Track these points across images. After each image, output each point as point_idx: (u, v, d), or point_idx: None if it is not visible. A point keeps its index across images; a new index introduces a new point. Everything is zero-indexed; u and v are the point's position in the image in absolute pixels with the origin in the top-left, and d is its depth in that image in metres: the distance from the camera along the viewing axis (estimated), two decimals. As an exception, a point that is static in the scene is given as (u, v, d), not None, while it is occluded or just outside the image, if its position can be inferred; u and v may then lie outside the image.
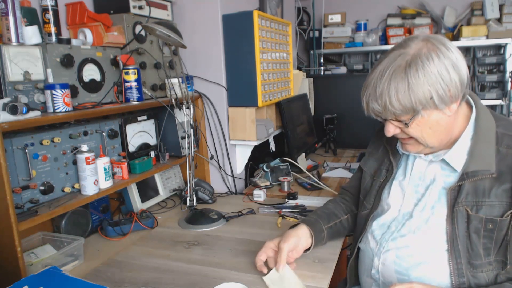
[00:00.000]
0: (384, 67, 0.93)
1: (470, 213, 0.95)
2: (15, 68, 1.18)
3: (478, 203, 0.95)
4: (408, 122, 0.95)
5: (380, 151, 1.23)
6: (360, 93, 1.01)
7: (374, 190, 1.19)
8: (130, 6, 1.63)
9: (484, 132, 0.98)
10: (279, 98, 2.17)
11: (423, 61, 0.90)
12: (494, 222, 0.93)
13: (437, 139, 0.99)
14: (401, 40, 0.99)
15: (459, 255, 0.96)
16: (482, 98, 3.34)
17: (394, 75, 0.91)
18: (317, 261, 1.25)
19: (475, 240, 0.95)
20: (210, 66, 1.94)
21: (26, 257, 1.21)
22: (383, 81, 0.92)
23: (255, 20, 1.83)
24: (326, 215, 1.29)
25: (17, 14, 1.19)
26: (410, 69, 0.90)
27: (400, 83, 0.90)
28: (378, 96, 0.93)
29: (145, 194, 1.77)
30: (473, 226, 0.95)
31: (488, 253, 0.95)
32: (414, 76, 0.89)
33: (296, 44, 3.50)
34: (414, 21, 3.57)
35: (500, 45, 3.39)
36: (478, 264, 0.95)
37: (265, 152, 2.34)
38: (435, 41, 0.93)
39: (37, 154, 1.22)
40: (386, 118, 0.98)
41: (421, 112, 0.92)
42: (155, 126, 1.76)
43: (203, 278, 1.18)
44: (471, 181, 0.97)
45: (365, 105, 0.99)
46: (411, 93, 0.90)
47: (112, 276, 1.21)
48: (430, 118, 0.94)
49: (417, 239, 1.03)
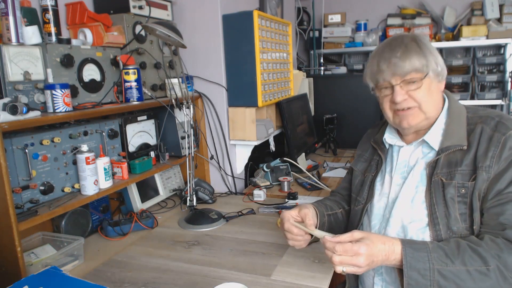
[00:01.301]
0: (395, 44, 1.08)
1: (444, 181, 1.06)
2: (15, 68, 1.18)
3: (452, 172, 1.06)
4: (423, 78, 1.07)
5: (369, 152, 1.31)
6: (367, 64, 1.15)
7: (367, 185, 1.25)
8: (130, 6, 1.63)
9: (456, 116, 1.12)
10: (279, 98, 2.17)
11: (423, 39, 1.09)
12: (466, 187, 1.03)
13: (434, 108, 1.12)
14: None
15: (437, 222, 1.04)
16: (482, 98, 3.34)
17: (408, 44, 1.07)
18: (317, 261, 1.25)
19: (451, 205, 1.03)
20: (210, 66, 1.94)
21: (26, 257, 1.21)
22: (398, 46, 1.07)
23: (255, 20, 1.83)
24: (324, 206, 1.34)
25: (17, 14, 1.19)
26: (419, 40, 1.08)
27: (414, 48, 1.06)
28: (398, 57, 1.06)
29: (145, 194, 1.77)
30: (448, 192, 1.04)
31: (464, 218, 1.03)
32: (424, 45, 1.07)
33: (296, 44, 3.50)
34: (414, 21, 3.57)
35: (500, 45, 3.39)
36: (455, 229, 1.03)
37: (265, 152, 2.34)
38: (421, 36, 1.11)
39: (37, 154, 1.22)
40: (397, 83, 1.08)
41: (430, 73, 1.06)
42: (155, 126, 1.76)
43: (203, 278, 1.18)
44: (446, 155, 1.08)
45: (382, 68, 1.09)
46: (423, 55, 1.06)
47: (112, 276, 1.21)
48: (432, 85, 1.09)
49: (405, 218, 1.10)
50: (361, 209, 1.23)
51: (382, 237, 1.00)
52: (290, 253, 1.31)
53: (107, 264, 1.29)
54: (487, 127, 1.05)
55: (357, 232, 0.99)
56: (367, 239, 0.97)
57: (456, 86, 3.48)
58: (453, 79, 3.43)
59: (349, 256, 0.96)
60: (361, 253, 0.95)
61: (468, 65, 3.43)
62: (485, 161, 1.01)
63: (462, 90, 3.44)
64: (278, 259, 1.28)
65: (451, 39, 3.43)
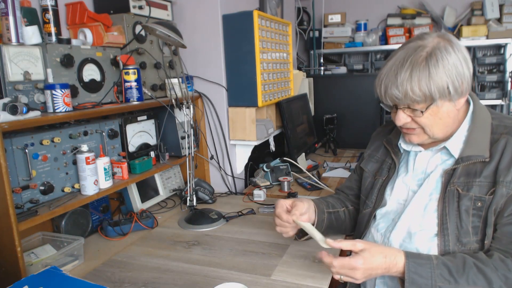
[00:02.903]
0: (404, 56, 0.99)
1: (461, 192, 1.01)
2: (15, 68, 1.18)
3: (469, 183, 1.01)
4: (424, 110, 1.00)
5: (380, 152, 1.27)
6: (375, 82, 1.05)
7: (376, 189, 1.22)
8: (130, 6, 1.63)
9: (480, 123, 1.05)
10: (279, 98, 2.17)
11: (442, 53, 0.96)
12: (483, 200, 0.98)
13: (443, 130, 1.05)
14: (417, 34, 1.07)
15: (447, 233, 1.00)
16: (482, 98, 3.34)
17: (416, 64, 0.96)
18: (317, 261, 1.25)
19: (465, 218, 0.99)
20: (210, 66, 1.94)
21: (26, 257, 1.21)
22: (405, 69, 0.97)
23: (255, 20, 1.83)
24: (326, 203, 1.33)
25: (17, 14, 1.19)
26: (431, 59, 0.96)
27: (422, 71, 0.96)
28: (399, 83, 0.98)
29: (145, 194, 1.77)
30: (463, 204, 1.00)
31: (476, 231, 0.99)
32: (434, 66, 0.95)
33: (296, 44, 3.50)
34: (414, 21, 3.57)
35: (500, 45, 3.39)
36: (466, 242, 0.99)
37: (265, 152, 2.34)
38: (449, 37, 1.00)
39: (37, 154, 1.22)
40: (402, 106, 1.02)
41: (437, 101, 0.98)
42: (155, 126, 1.76)
43: (203, 278, 1.18)
44: (465, 165, 1.02)
45: (383, 92, 1.02)
46: (432, 81, 0.95)
47: (112, 276, 1.21)
48: (441, 109, 1.00)
49: (414, 225, 1.07)
50: (369, 213, 1.21)
51: (384, 249, 0.98)
52: (290, 253, 1.31)
53: (107, 264, 1.29)
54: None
55: (359, 243, 0.97)
56: (367, 251, 0.95)
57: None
58: (453, 79, 3.43)
59: (346, 269, 0.96)
60: (358, 267, 0.94)
61: (468, 65, 3.43)
62: (507, 175, 0.96)
63: (462, 90, 3.44)
64: (278, 259, 1.28)
65: (451, 39, 3.43)
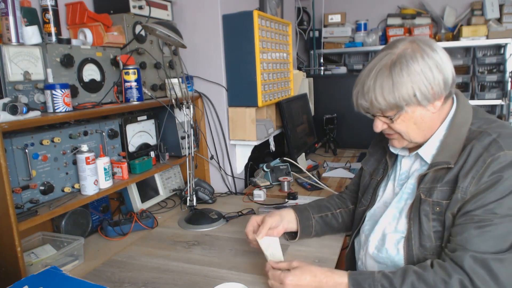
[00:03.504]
0: (372, 66, 1.01)
1: (422, 197, 1.03)
2: (15, 68, 1.18)
3: (432, 189, 1.02)
4: (393, 117, 1.02)
5: (380, 152, 1.29)
6: (352, 90, 1.08)
7: (371, 188, 1.24)
8: (130, 6, 1.63)
9: (456, 129, 1.03)
10: (279, 98, 2.17)
11: (407, 61, 0.96)
12: (441, 205, 0.99)
13: (420, 134, 1.06)
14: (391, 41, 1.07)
15: (411, 238, 1.03)
16: (482, 98, 3.34)
17: (380, 73, 0.98)
18: (317, 261, 1.25)
19: (425, 223, 1.01)
20: (210, 66, 1.94)
21: (26, 257, 1.21)
22: (370, 79, 1.00)
23: (255, 20, 1.83)
24: (317, 206, 1.35)
25: (17, 14, 1.19)
26: (394, 68, 0.97)
27: (385, 80, 0.98)
28: (365, 93, 1.01)
29: (145, 194, 1.77)
30: (423, 209, 1.02)
31: (439, 236, 1.00)
32: (398, 74, 0.96)
33: (296, 44, 3.50)
34: (414, 21, 3.57)
35: (500, 45, 3.39)
36: (428, 247, 1.01)
37: (265, 152, 2.34)
38: (421, 42, 0.99)
39: (37, 154, 1.22)
40: (374, 114, 1.05)
41: (405, 108, 0.99)
42: (155, 126, 1.76)
43: (203, 278, 1.18)
44: (433, 171, 1.04)
45: (355, 102, 1.07)
46: (395, 90, 0.97)
47: (112, 276, 1.21)
48: (414, 114, 1.01)
49: (388, 228, 1.10)
50: (364, 211, 1.24)
51: (315, 269, 1.01)
52: (290, 253, 1.31)
53: (107, 264, 1.29)
54: (479, 144, 0.97)
55: (295, 262, 1.03)
56: (298, 269, 1.01)
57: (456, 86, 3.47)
58: (453, 79, 3.43)
59: (277, 282, 1.03)
60: (287, 283, 1.00)
61: (468, 65, 3.43)
62: (464, 181, 0.95)
63: (462, 90, 3.43)
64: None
65: (451, 39, 3.43)
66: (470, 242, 0.91)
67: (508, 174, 0.91)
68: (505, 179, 0.91)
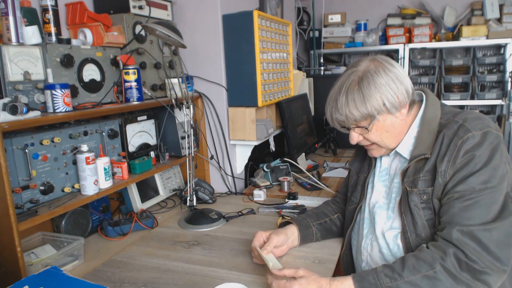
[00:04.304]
0: (341, 83, 1.11)
1: (408, 189, 1.09)
2: (15, 68, 1.18)
3: (415, 180, 1.09)
4: (368, 126, 1.10)
5: (363, 152, 1.33)
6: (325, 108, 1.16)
7: (360, 185, 1.29)
8: (130, 6, 1.63)
9: (427, 124, 1.11)
10: (279, 98, 2.17)
11: (372, 75, 1.07)
12: (427, 193, 1.06)
13: (394, 140, 1.14)
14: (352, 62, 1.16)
15: (406, 230, 1.08)
16: (482, 98, 3.34)
17: (350, 89, 1.08)
18: (317, 261, 1.25)
19: (416, 213, 1.07)
20: (210, 66, 1.94)
21: (26, 257, 1.21)
22: (342, 95, 1.09)
23: (255, 20, 1.83)
24: (315, 214, 1.40)
25: (17, 14, 1.19)
26: (362, 82, 1.07)
27: (356, 94, 1.07)
28: (339, 108, 1.10)
29: (145, 194, 1.77)
30: (412, 200, 1.08)
31: (433, 224, 1.06)
32: (367, 88, 1.06)
33: (296, 44, 3.50)
34: (414, 21, 3.57)
35: (500, 45, 3.39)
36: (424, 236, 1.06)
37: (265, 152, 2.34)
38: (380, 59, 1.10)
39: (37, 154, 1.22)
40: (349, 126, 1.13)
41: (377, 116, 1.08)
42: (155, 126, 1.76)
43: (203, 278, 1.18)
44: (414, 164, 1.10)
45: (330, 118, 1.15)
46: (366, 101, 1.06)
47: (112, 276, 1.21)
48: (385, 122, 1.10)
49: (385, 226, 1.15)
50: (354, 209, 1.28)
51: (320, 279, 1.02)
52: (290, 254, 1.31)
53: (107, 264, 1.29)
54: (449, 131, 1.05)
55: (301, 271, 1.03)
56: (304, 279, 1.01)
57: (456, 86, 3.48)
58: (453, 79, 3.44)
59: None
60: None
61: (468, 65, 3.43)
62: (441, 166, 1.03)
63: (462, 90, 3.44)
64: (279, 260, 1.28)
65: (451, 39, 3.43)
66: (455, 217, 0.98)
67: (479, 152, 0.99)
68: (478, 156, 0.99)
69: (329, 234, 1.39)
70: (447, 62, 3.45)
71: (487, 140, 1.00)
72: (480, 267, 0.92)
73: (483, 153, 0.99)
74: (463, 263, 0.93)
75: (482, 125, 1.02)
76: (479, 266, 0.92)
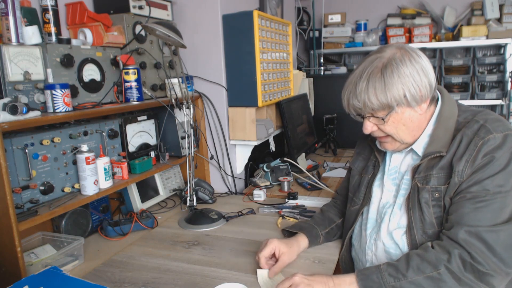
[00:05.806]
0: (363, 68, 1.05)
1: (419, 186, 1.07)
2: (15, 68, 1.18)
3: (427, 176, 1.06)
4: (385, 117, 1.05)
5: (367, 151, 1.32)
6: (342, 95, 1.12)
7: (363, 186, 1.26)
8: (130, 6, 1.63)
9: (444, 122, 1.09)
10: (279, 98, 2.17)
11: (397, 64, 1.02)
12: (439, 190, 1.04)
13: (410, 135, 1.10)
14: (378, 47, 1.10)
15: (413, 227, 1.07)
16: (482, 98, 3.34)
17: (372, 75, 1.03)
18: (317, 261, 1.25)
19: (426, 210, 1.05)
20: (210, 66, 1.94)
21: (26, 257, 1.21)
22: (362, 81, 1.04)
23: (255, 20, 1.82)
24: (322, 221, 1.38)
25: (17, 14, 1.19)
26: (386, 70, 1.02)
27: (377, 82, 1.02)
28: (358, 94, 1.04)
29: (145, 194, 1.77)
30: (422, 197, 1.06)
31: (441, 222, 1.04)
32: (389, 76, 1.01)
33: (296, 44, 3.50)
34: (414, 21, 3.56)
35: (500, 45, 3.39)
36: (431, 233, 1.05)
37: (265, 152, 2.34)
38: (408, 48, 1.05)
39: (37, 154, 1.22)
40: (365, 115, 1.08)
41: (395, 108, 1.03)
42: (155, 126, 1.76)
43: (203, 278, 1.18)
44: (427, 161, 1.08)
45: (346, 103, 1.10)
46: (387, 90, 1.01)
47: (112, 276, 1.21)
48: (403, 115, 1.06)
49: (392, 224, 1.13)
50: (357, 210, 1.26)
51: (323, 277, 1.02)
52: (290, 253, 1.31)
53: (107, 264, 1.29)
54: (468, 131, 1.03)
55: (297, 277, 1.02)
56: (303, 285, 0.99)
57: (456, 86, 3.48)
58: (453, 79, 3.44)
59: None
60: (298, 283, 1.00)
61: (468, 65, 3.43)
62: (459, 165, 1.01)
63: (462, 90, 3.44)
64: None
65: (451, 39, 3.43)
66: (465, 217, 0.97)
67: (499, 154, 0.97)
68: (497, 158, 0.97)
69: (331, 238, 1.39)
70: (447, 62, 3.45)
71: (508, 144, 0.98)
72: (484, 269, 0.92)
73: (503, 156, 0.97)
74: (468, 264, 0.93)
75: (503, 128, 1.00)
76: (483, 268, 0.92)
